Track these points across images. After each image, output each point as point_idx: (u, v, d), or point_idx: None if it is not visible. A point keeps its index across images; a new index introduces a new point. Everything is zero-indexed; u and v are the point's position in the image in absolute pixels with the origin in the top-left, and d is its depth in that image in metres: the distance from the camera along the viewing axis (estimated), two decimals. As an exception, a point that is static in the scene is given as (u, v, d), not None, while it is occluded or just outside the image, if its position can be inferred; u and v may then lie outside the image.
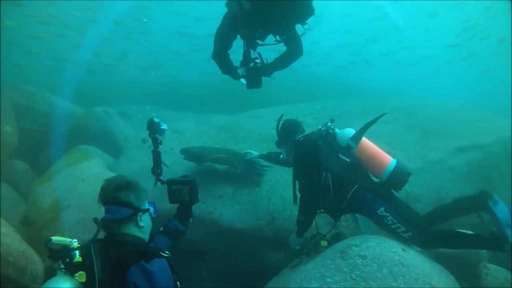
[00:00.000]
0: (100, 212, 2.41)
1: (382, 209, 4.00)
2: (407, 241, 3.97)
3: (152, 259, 2.13)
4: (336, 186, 4.07)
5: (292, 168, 4.58)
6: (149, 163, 4.54)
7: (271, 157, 5.42)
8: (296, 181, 4.43)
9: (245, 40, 4.59)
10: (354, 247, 3.61)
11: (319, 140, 4.30)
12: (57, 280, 2.00)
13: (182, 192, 3.11)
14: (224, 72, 4.77)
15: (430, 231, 4.00)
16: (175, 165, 5.91)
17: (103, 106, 10.46)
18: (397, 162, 4.16)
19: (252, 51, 4.62)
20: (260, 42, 4.57)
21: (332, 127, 4.44)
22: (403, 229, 3.94)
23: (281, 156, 5.03)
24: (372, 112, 8.13)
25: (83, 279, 1.98)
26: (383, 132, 7.17)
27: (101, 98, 14.51)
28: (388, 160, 4.16)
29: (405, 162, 6.14)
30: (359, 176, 4.21)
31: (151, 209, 2.55)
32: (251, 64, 4.54)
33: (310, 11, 4.16)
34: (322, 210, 4.34)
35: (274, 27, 4.35)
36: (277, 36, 4.50)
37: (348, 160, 4.21)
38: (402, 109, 8.75)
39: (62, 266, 2.03)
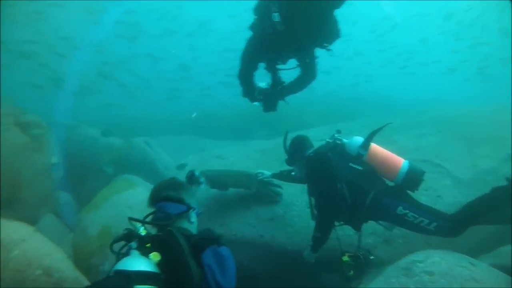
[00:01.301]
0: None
1: (400, 208, 3.97)
2: (434, 233, 3.93)
3: (222, 245, 2.23)
4: (353, 196, 4.08)
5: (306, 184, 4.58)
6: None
7: (284, 175, 5.41)
8: (312, 197, 4.42)
9: (267, 63, 4.69)
10: (418, 263, 3.40)
11: (329, 153, 4.30)
12: (134, 259, 2.02)
13: None
14: (244, 94, 4.84)
15: (454, 216, 3.96)
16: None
17: (142, 136, 10.64)
18: (409, 163, 4.10)
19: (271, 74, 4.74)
20: (281, 65, 4.68)
21: (339, 138, 4.43)
22: (427, 221, 3.90)
23: (292, 173, 5.05)
24: (414, 125, 8.04)
25: (158, 258, 2.04)
26: (428, 144, 7.02)
27: (133, 129, 14.82)
28: (400, 162, 4.11)
29: (455, 173, 6.00)
30: (373, 182, 4.18)
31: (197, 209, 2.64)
32: (268, 87, 4.68)
33: (338, 34, 4.21)
34: (341, 223, 4.34)
35: (303, 49, 4.43)
36: (298, 59, 4.61)
37: (361, 168, 4.17)
38: (443, 119, 8.47)
39: (134, 246, 2.10)
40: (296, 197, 5.74)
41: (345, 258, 4.21)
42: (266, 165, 7.34)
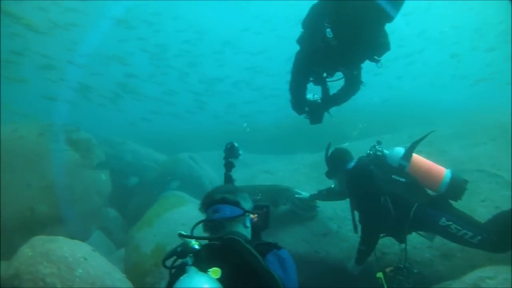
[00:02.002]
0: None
1: (443, 219, 3.91)
2: (478, 247, 3.83)
3: (281, 248, 2.16)
4: (397, 209, 4.03)
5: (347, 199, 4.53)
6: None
7: (323, 195, 5.33)
8: (355, 211, 4.36)
9: (316, 76, 4.65)
10: (488, 280, 3.30)
11: (371, 165, 4.25)
12: (194, 277, 1.84)
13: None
14: (294, 107, 4.80)
15: (500, 230, 3.77)
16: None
17: (186, 152, 10.67)
18: (452, 172, 4.04)
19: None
20: (328, 78, 4.65)
21: (380, 149, 4.38)
22: (471, 234, 3.80)
23: (332, 186, 5.00)
24: (465, 134, 7.66)
25: (218, 274, 1.87)
26: (482, 153, 6.69)
27: (176, 144, 14.94)
28: (443, 171, 4.05)
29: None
30: (416, 194, 4.12)
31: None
32: (317, 100, 4.67)
33: (388, 47, 4.14)
34: (384, 234, 4.28)
35: (355, 63, 4.39)
36: (345, 71, 4.57)
37: (404, 180, 4.11)
38: (496, 126, 8.03)
39: (190, 262, 1.95)
40: (350, 211, 5.57)
41: (379, 275, 4.05)
42: (317, 179, 7.19)
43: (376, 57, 4.21)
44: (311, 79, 4.69)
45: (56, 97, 13.72)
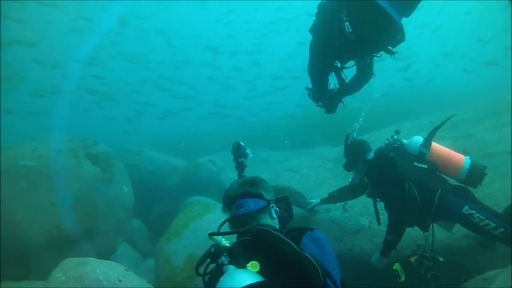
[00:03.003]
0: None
1: (466, 207, 3.91)
2: (499, 240, 3.84)
3: (314, 230, 2.11)
4: (422, 195, 4.04)
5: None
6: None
7: (334, 197, 5.32)
8: (377, 202, 4.44)
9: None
10: None
11: (391, 152, 4.29)
12: (235, 275, 1.76)
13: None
14: (314, 97, 4.75)
15: None
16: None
17: (205, 156, 10.58)
18: (471, 159, 4.10)
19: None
20: (340, 65, 4.61)
21: (398, 139, 4.42)
22: (493, 225, 3.78)
23: (349, 180, 4.99)
24: (489, 115, 7.35)
25: (257, 267, 1.80)
26: (510, 134, 6.36)
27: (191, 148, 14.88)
28: (462, 158, 4.12)
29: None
30: (438, 180, 4.17)
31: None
32: (334, 89, 4.63)
33: (403, 38, 4.07)
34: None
35: (370, 54, 4.36)
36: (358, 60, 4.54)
37: (426, 166, 4.13)
38: None
39: (227, 261, 1.88)
40: (380, 205, 5.43)
41: (396, 266, 4.09)
42: (342, 173, 7.02)
43: (391, 48, 4.14)
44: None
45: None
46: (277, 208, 2.39)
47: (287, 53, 23.63)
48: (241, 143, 4.45)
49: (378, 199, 4.49)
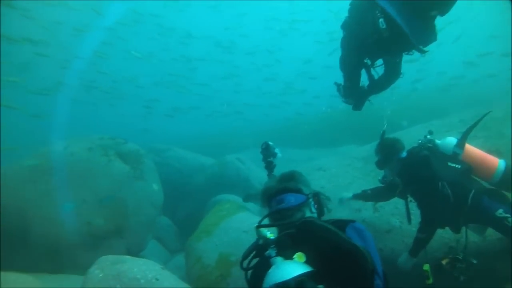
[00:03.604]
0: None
1: (500, 210, 3.79)
2: None
3: (355, 221, 2.11)
4: (455, 195, 3.94)
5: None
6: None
7: (367, 195, 5.10)
8: (409, 202, 4.37)
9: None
10: None
11: (424, 151, 4.22)
12: (285, 266, 1.76)
13: None
14: (345, 94, 4.71)
15: None
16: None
17: (233, 154, 10.60)
18: (506, 162, 4.01)
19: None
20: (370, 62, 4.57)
21: (432, 139, 4.35)
22: None
23: (379, 179, 4.85)
24: None
25: (303, 258, 1.79)
26: None
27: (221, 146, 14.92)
28: (496, 161, 4.03)
29: None
30: (472, 181, 4.08)
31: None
32: (363, 86, 4.59)
33: (436, 37, 3.99)
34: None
35: (401, 53, 4.29)
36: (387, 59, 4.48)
37: (459, 167, 4.05)
38: None
39: (274, 253, 1.86)
40: (412, 205, 5.35)
41: (426, 267, 3.95)
42: (372, 173, 6.92)
43: (422, 48, 4.07)
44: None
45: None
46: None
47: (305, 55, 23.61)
48: (270, 143, 4.43)
49: (410, 199, 4.42)
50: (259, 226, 2.07)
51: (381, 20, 3.81)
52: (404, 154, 4.40)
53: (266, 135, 15.89)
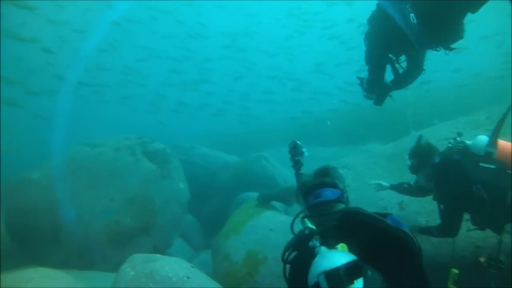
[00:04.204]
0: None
1: None
2: None
3: (392, 214, 2.10)
4: (491, 196, 3.79)
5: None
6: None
7: (404, 188, 5.03)
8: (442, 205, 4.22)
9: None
10: None
11: (455, 155, 4.11)
12: (332, 254, 1.77)
13: None
14: (369, 88, 4.61)
15: None
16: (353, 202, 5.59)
17: (256, 152, 10.59)
18: None
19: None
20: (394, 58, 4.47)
21: (462, 141, 4.24)
22: None
23: (413, 183, 4.81)
24: None
25: (346, 248, 1.82)
26: None
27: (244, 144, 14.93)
28: None
29: None
30: (508, 178, 3.85)
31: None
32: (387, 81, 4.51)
33: (463, 35, 3.89)
34: (475, 227, 4.10)
35: (427, 49, 4.18)
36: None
37: (494, 167, 3.88)
38: None
39: (318, 243, 1.87)
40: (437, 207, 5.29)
41: (455, 271, 3.81)
42: (398, 172, 6.84)
43: (449, 45, 4.01)
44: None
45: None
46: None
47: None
48: (298, 142, 4.44)
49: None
50: (305, 216, 2.12)
51: (412, 15, 3.75)
52: (437, 159, 4.31)
53: (288, 132, 15.90)
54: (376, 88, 4.59)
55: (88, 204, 7.50)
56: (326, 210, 2.23)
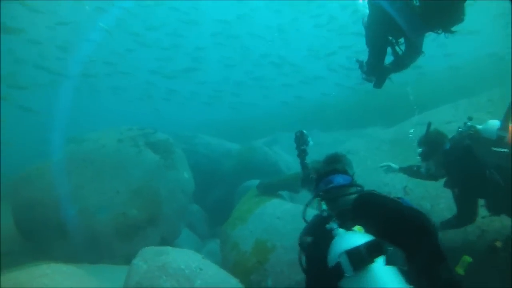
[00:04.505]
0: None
1: None
2: None
3: (401, 197, 2.10)
4: (505, 180, 3.75)
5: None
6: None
7: (413, 171, 4.96)
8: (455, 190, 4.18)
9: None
10: None
11: (466, 140, 4.07)
12: (350, 235, 1.81)
13: None
14: (370, 70, 4.59)
15: None
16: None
17: (256, 139, 10.60)
18: None
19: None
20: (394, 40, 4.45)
21: (473, 125, 4.19)
22: None
23: (421, 169, 4.72)
24: None
25: (362, 230, 1.85)
26: None
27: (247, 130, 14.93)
28: None
29: None
30: None
31: None
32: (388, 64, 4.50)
33: (463, 18, 3.83)
34: (491, 213, 4.06)
35: (428, 31, 4.14)
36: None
37: (506, 150, 3.82)
38: None
39: (336, 226, 1.91)
40: (442, 188, 5.27)
41: (469, 259, 3.77)
42: (401, 156, 6.87)
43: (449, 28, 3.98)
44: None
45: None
46: None
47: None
48: (304, 131, 4.45)
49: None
50: (321, 199, 2.21)
51: None
52: (447, 145, 4.28)
53: (290, 118, 15.89)
54: (376, 70, 4.59)
55: (94, 197, 7.51)
56: (341, 193, 2.26)
